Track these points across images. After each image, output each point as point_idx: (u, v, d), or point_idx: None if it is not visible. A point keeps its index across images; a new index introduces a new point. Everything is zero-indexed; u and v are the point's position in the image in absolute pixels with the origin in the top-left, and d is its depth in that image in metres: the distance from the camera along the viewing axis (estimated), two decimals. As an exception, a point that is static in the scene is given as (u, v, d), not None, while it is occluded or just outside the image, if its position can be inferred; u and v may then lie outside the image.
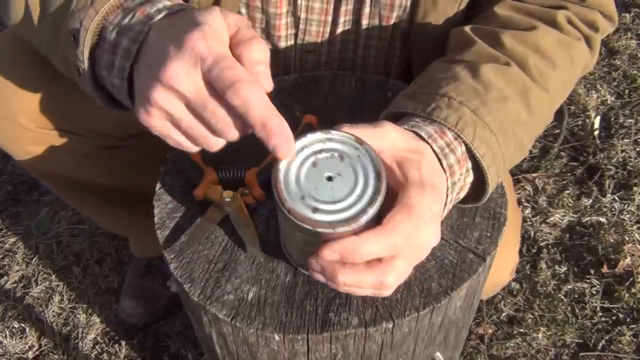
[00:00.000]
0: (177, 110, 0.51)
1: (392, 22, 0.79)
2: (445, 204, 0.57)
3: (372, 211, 0.49)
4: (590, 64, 0.75)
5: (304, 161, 0.52)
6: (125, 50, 0.54)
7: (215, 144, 0.53)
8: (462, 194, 0.61)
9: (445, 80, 0.62)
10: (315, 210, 0.49)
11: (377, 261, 0.51)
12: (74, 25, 0.57)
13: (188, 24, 0.50)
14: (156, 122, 0.52)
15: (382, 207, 0.52)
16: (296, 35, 0.80)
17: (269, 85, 0.50)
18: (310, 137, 0.52)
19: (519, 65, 0.65)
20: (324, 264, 0.52)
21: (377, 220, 0.51)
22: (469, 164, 0.59)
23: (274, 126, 0.48)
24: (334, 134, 0.53)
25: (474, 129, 0.58)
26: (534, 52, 0.66)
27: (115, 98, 0.60)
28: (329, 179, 0.51)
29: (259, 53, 0.50)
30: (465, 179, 0.59)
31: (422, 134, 0.56)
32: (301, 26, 0.79)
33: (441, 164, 0.56)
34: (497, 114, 0.60)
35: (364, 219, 0.49)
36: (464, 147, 0.58)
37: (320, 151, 0.52)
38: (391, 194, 0.53)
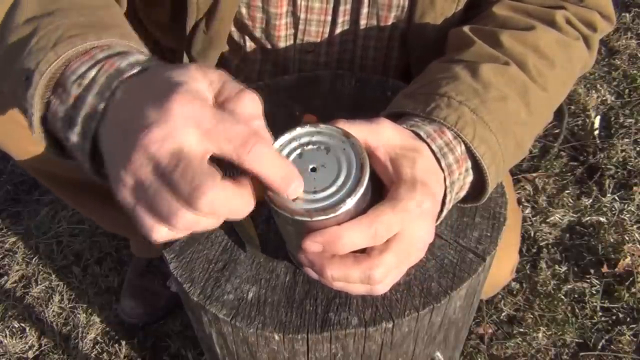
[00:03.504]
0: (147, 178, 0.43)
1: (390, 22, 0.79)
2: (444, 204, 0.57)
3: (351, 201, 0.49)
4: (589, 64, 0.75)
5: (290, 153, 0.52)
6: (90, 108, 0.48)
7: (177, 216, 0.43)
8: (462, 194, 0.61)
9: (445, 79, 0.62)
10: (295, 199, 0.49)
11: (365, 255, 0.51)
12: (28, 65, 0.51)
13: (165, 83, 0.45)
14: (127, 194, 0.45)
15: (370, 202, 0.52)
16: (295, 35, 0.80)
17: (269, 139, 0.47)
18: (298, 130, 0.53)
19: (518, 65, 0.65)
20: (310, 257, 0.52)
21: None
22: (469, 164, 0.59)
23: (282, 182, 0.46)
24: (322, 127, 0.53)
25: (474, 128, 0.58)
26: (533, 51, 0.66)
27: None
28: (313, 170, 0.51)
29: (252, 107, 0.46)
30: (464, 179, 0.59)
31: (421, 133, 0.56)
32: (300, 26, 0.79)
33: (440, 163, 0.56)
34: (496, 113, 0.60)
35: (342, 209, 0.49)
36: (463, 147, 0.58)
37: (308, 143, 0.53)
38: (385, 191, 0.53)
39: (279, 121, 0.75)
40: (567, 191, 1.54)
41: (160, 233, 0.45)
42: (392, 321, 0.57)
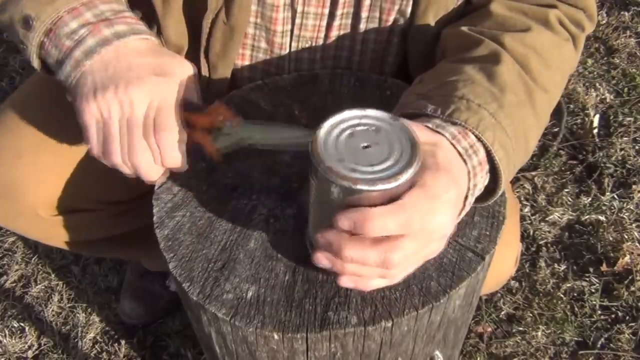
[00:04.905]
0: (114, 116, 0.60)
1: (392, 15, 0.78)
2: (465, 206, 0.57)
3: (411, 171, 0.50)
4: (575, 64, 0.76)
5: (341, 132, 0.54)
6: (75, 61, 0.62)
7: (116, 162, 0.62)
8: (478, 194, 0.61)
9: (461, 82, 0.62)
10: (353, 170, 0.51)
11: (384, 238, 0.51)
12: (28, 12, 0.64)
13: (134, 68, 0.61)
14: (89, 116, 0.61)
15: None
16: (292, 31, 0.80)
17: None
18: (347, 113, 0.55)
19: (521, 67, 0.65)
20: (331, 237, 0.52)
21: None
22: (487, 167, 0.59)
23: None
24: (369, 111, 0.55)
25: (494, 132, 0.59)
26: (533, 53, 0.67)
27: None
28: (366, 147, 0.53)
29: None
30: (484, 182, 0.60)
31: (446, 134, 0.57)
32: (297, 20, 0.78)
33: (466, 164, 0.57)
34: (512, 118, 0.61)
35: (403, 178, 0.50)
36: (483, 150, 0.59)
37: (357, 125, 0.55)
38: None
39: (278, 120, 0.76)
40: (566, 190, 1.54)
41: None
42: (391, 320, 0.57)
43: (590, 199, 1.52)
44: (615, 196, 1.52)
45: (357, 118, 0.55)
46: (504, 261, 0.82)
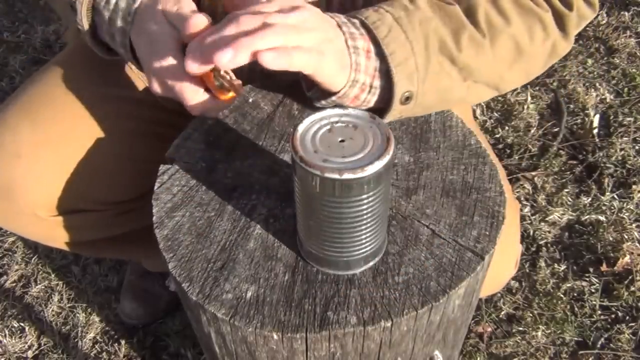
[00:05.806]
0: None
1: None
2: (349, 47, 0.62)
3: (379, 163, 0.52)
4: (561, 47, 0.72)
5: (320, 128, 0.56)
6: (121, 30, 0.67)
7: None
8: (369, 80, 0.65)
9: (387, 3, 0.66)
10: (325, 161, 0.53)
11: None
12: None
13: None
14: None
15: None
16: None
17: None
18: (328, 112, 0.57)
19: (466, 9, 0.66)
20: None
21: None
22: (373, 50, 0.63)
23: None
24: (350, 110, 0.57)
25: (390, 30, 0.62)
26: (488, 2, 0.67)
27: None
28: (342, 141, 0.55)
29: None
30: (367, 46, 0.63)
31: (336, 19, 0.62)
32: None
33: (341, 28, 0.62)
34: (419, 29, 0.63)
35: (370, 170, 0.52)
36: (366, 33, 0.63)
37: (337, 122, 0.57)
38: None
39: (278, 120, 0.76)
40: (566, 190, 1.54)
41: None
42: (390, 320, 0.57)
43: (590, 199, 1.52)
44: (615, 196, 1.52)
45: (337, 116, 0.57)
46: (504, 263, 0.82)
